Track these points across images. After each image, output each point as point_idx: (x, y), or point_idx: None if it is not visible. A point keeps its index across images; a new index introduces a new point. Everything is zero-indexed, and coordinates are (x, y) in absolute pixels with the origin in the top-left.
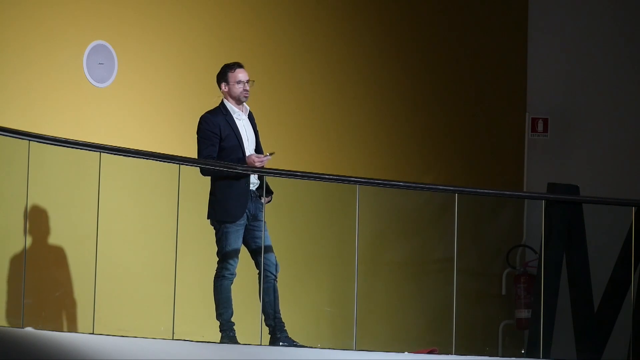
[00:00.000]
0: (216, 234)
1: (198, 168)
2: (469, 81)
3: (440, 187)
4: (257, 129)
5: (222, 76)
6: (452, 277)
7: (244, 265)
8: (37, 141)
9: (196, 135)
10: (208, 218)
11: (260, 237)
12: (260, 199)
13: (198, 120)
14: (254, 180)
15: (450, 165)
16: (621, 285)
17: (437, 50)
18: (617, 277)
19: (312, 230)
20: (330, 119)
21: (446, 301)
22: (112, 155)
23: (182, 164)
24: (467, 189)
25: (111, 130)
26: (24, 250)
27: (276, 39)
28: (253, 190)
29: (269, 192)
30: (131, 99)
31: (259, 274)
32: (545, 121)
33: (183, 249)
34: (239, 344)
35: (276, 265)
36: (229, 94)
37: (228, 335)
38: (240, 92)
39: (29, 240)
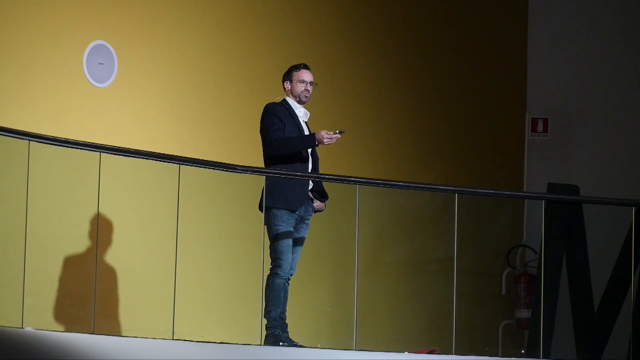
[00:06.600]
0: (269, 232)
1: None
2: (469, 81)
3: (440, 187)
4: None
5: (287, 74)
6: (452, 277)
7: (246, 265)
8: (37, 141)
9: (260, 126)
10: (266, 208)
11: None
12: (313, 202)
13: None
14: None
15: (450, 165)
16: (621, 285)
17: (437, 50)
18: (617, 277)
19: (312, 230)
20: (330, 119)
21: (446, 301)
22: (112, 155)
23: (182, 164)
24: (467, 189)
25: (111, 130)
26: (24, 251)
27: (277, 39)
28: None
29: (325, 197)
30: (131, 99)
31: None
32: (545, 121)
33: (183, 249)
34: (283, 345)
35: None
36: (291, 92)
37: (273, 333)
38: (302, 91)
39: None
